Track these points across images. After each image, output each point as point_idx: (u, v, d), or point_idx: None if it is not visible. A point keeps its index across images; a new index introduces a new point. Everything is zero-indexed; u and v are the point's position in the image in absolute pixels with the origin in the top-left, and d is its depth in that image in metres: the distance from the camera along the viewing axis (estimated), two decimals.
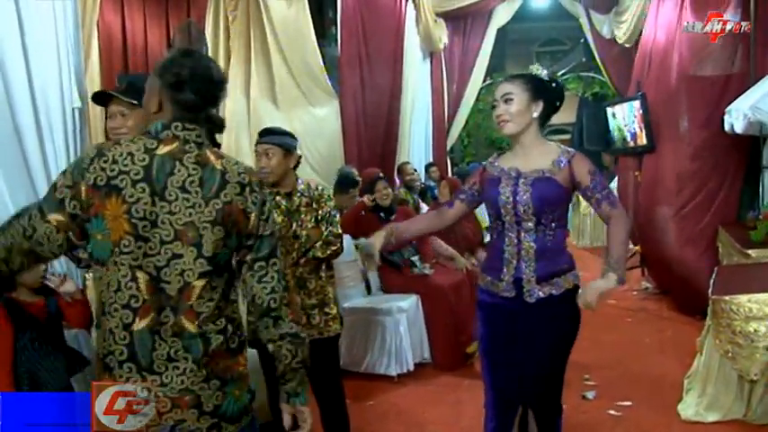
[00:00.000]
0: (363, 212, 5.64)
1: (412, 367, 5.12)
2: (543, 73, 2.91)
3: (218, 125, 2.05)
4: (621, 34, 8.67)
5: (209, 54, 6.84)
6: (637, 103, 7.34)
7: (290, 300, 1.95)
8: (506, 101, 2.83)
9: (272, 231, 1.99)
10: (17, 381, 2.69)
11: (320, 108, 7.63)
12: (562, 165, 2.80)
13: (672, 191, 6.82)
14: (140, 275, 1.82)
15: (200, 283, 1.86)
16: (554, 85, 2.94)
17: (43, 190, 3.30)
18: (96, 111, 4.84)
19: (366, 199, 5.71)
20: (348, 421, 3.63)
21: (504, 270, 2.84)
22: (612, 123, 8.18)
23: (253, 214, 1.93)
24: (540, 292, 2.79)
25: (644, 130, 7.27)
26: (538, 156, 2.85)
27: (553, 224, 2.81)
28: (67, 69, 3.50)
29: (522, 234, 2.81)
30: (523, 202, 2.77)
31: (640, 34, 8.03)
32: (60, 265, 3.27)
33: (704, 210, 6.43)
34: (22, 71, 3.29)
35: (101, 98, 2.78)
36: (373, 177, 5.93)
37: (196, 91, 1.90)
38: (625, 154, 8.31)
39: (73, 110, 3.51)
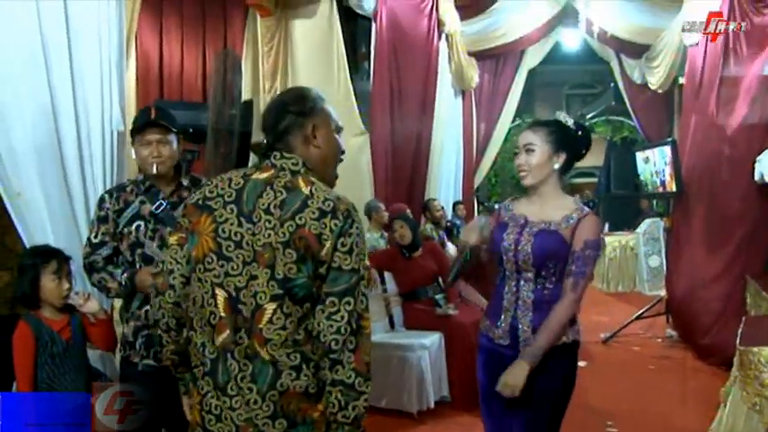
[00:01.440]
0: (388, 246, 5.69)
1: (432, 405, 5.08)
2: (570, 121, 2.85)
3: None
4: (655, 80, 8.67)
5: (244, 82, 6.96)
6: (668, 149, 7.32)
7: (360, 345, 1.82)
8: (527, 151, 2.79)
9: (353, 267, 1.84)
10: None
11: (350, 142, 7.68)
12: (571, 222, 2.74)
13: (700, 239, 6.77)
14: (219, 293, 1.86)
15: (270, 307, 1.82)
16: (580, 133, 2.87)
17: (81, 210, 3.38)
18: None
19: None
20: None
21: (502, 317, 2.82)
22: (643, 168, 8.16)
23: (328, 242, 1.82)
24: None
25: (674, 176, 7.24)
26: (552, 208, 2.80)
27: (554, 277, 2.74)
28: (109, 92, 3.58)
29: (522, 283, 2.79)
30: (524, 251, 2.74)
31: (674, 82, 8.03)
32: (85, 284, 3.30)
33: (732, 259, 6.37)
34: (69, 92, 3.38)
35: (139, 127, 2.89)
36: (393, 216, 5.99)
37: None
38: (653, 198, 8.27)
39: (112, 132, 3.57)
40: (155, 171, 2.93)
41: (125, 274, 2.88)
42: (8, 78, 3.23)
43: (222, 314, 1.85)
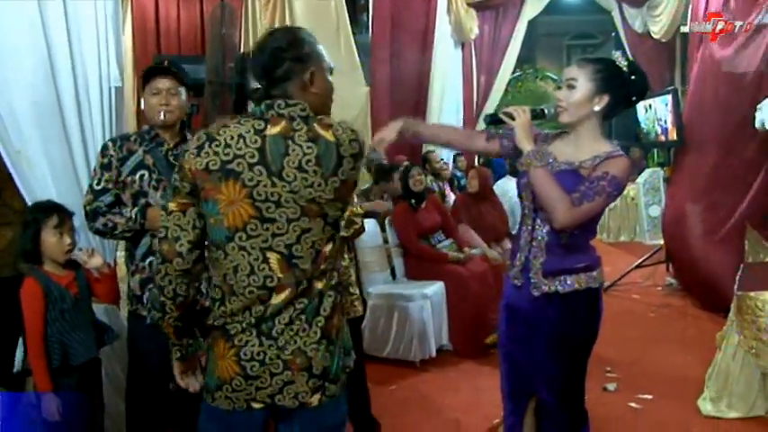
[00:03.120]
0: (394, 200, 5.74)
1: (434, 354, 5.15)
2: (624, 62, 2.64)
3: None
4: (657, 29, 8.59)
5: (245, 37, 6.93)
6: (669, 98, 7.29)
7: None
8: (569, 86, 2.60)
9: None
10: (48, 352, 2.74)
11: (350, 95, 7.66)
12: (597, 161, 2.55)
13: (701, 187, 6.78)
14: (271, 256, 1.87)
15: (328, 248, 1.94)
16: (634, 77, 2.62)
17: (81, 165, 3.40)
18: (128, 91, 4.91)
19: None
20: (370, 405, 3.67)
21: (518, 255, 2.71)
22: (644, 117, 8.13)
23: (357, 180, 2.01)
24: (545, 287, 2.61)
25: (675, 126, 7.22)
26: (585, 150, 2.61)
27: None
28: (105, 48, 3.56)
29: (538, 222, 2.64)
30: None
31: (677, 29, 7.96)
32: (95, 237, 3.33)
33: (733, 207, 6.37)
34: (65, 48, 3.36)
35: (147, 74, 2.89)
36: (406, 165, 6.02)
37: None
38: (655, 148, 8.26)
39: (110, 88, 3.56)
40: (162, 118, 2.91)
41: (135, 208, 2.87)
42: (6, 36, 3.21)
43: (279, 275, 1.87)
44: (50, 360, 2.75)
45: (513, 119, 2.60)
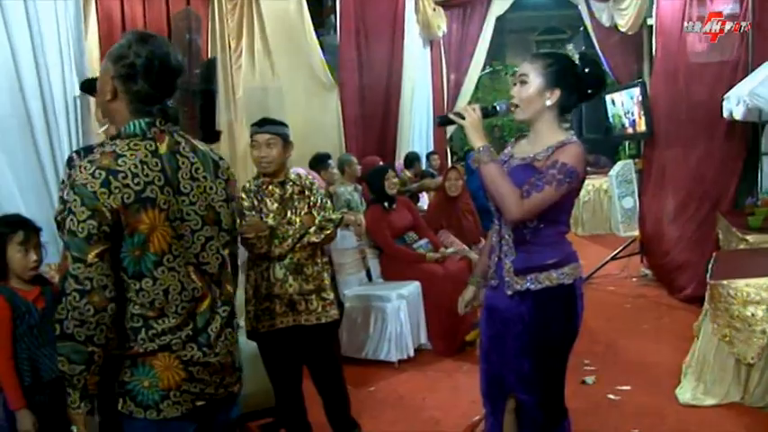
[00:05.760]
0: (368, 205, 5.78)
1: (412, 353, 5.15)
2: (575, 56, 2.63)
3: (173, 117, 2.02)
4: (624, 22, 8.65)
5: (211, 42, 6.89)
6: (636, 90, 7.35)
7: None
8: (521, 82, 2.58)
9: None
10: (18, 367, 2.70)
11: (319, 98, 7.66)
12: (549, 150, 2.52)
13: (671, 178, 6.84)
14: (191, 269, 1.95)
15: (226, 252, 2.08)
16: (587, 69, 2.61)
17: (52, 179, 3.35)
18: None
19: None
20: (349, 407, 3.66)
21: (492, 256, 2.71)
22: (611, 110, 8.18)
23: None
24: (518, 285, 2.59)
25: (643, 117, 7.28)
26: (541, 144, 2.57)
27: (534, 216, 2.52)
28: (69, 59, 3.53)
29: (503, 221, 2.62)
30: None
31: (644, 22, 8.02)
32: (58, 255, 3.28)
33: (703, 196, 6.45)
34: (30, 60, 3.33)
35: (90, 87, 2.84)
36: (381, 167, 6.02)
37: (151, 82, 1.89)
38: (624, 140, 8.31)
39: (75, 99, 3.53)
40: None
41: None
42: None
43: (200, 284, 1.96)
44: (22, 378, 2.70)
45: (463, 118, 2.58)
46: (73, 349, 1.82)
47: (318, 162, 6.38)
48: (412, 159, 8.60)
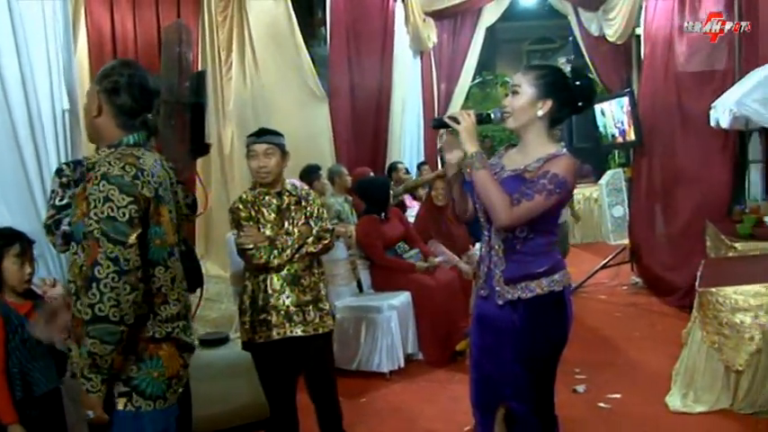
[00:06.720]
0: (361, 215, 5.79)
1: (403, 364, 5.14)
2: (568, 68, 2.69)
3: (152, 128, 2.26)
4: (612, 32, 8.70)
5: (201, 54, 6.92)
6: (625, 100, 7.39)
7: None
8: (514, 92, 2.63)
9: None
10: (10, 381, 2.69)
11: (309, 109, 7.68)
12: (540, 162, 2.56)
13: (660, 186, 6.88)
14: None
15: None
16: (578, 82, 2.67)
17: (39, 194, 3.34)
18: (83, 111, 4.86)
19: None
20: (341, 418, 3.66)
21: (482, 266, 2.74)
22: (601, 120, 8.23)
23: None
24: (509, 295, 2.61)
25: (632, 126, 7.32)
26: (532, 155, 2.61)
27: (523, 225, 2.55)
28: (57, 71, 3.53)
29: (493, 231, 2.65)
30: None
31: (632, 32, 8.08)
32: (55, 267, 3.28)
33: (692, 204, 6.48)
34: (16, 72, 3.33)
35: None
36: (374, 177, 6.06)
37: (133, 97, 2.16)
38: (615, 149, 8.36)
39: (63, 113, 3.53)
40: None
41: None
42: None
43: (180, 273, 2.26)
44: (13, 392, 2.70)
45: (458, 123, 2.60)
46: (107, 331, 1.96)
47: (309, 173, 6.38)
48: (390, 170, 8.55)
